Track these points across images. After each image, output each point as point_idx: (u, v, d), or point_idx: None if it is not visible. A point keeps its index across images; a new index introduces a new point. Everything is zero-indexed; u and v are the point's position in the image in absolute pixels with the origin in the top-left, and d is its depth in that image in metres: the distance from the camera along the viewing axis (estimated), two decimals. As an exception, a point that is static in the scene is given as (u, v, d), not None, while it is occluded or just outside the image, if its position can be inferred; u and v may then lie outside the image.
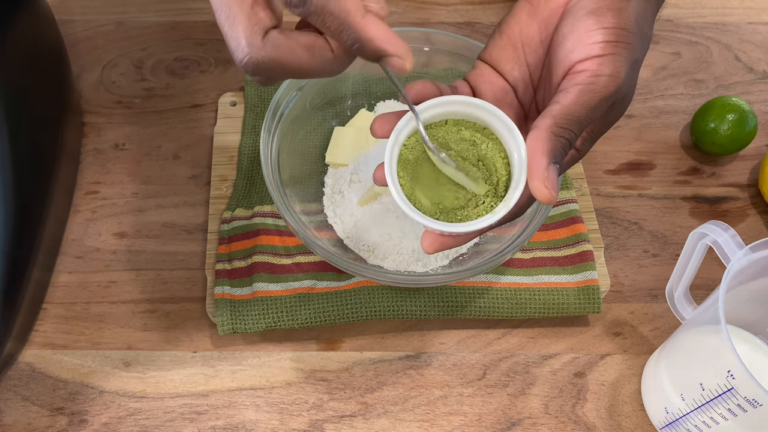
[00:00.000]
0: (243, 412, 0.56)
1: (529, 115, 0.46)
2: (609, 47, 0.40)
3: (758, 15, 0.80)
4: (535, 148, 0.39)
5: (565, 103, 0.40)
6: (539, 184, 0.39)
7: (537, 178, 0.39)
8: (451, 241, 0.43)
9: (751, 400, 0.45)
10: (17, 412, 0.56)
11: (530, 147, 0.40)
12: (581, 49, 0.41)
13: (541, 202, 0.40)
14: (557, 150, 0.40)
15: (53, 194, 0.61)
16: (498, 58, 0.45)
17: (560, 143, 0.40)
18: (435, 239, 0.43)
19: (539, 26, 0.44)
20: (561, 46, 0.42)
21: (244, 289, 0.59)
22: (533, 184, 0.39)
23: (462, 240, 0.43)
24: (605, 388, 0.58)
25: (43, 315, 0.60)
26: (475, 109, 0.43)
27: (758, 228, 0.66)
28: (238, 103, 0.70)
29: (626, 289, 0.63)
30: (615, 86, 0.40)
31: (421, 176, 0.43)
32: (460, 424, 0.56)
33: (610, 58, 0.40)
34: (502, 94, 0.45)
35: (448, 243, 0.43)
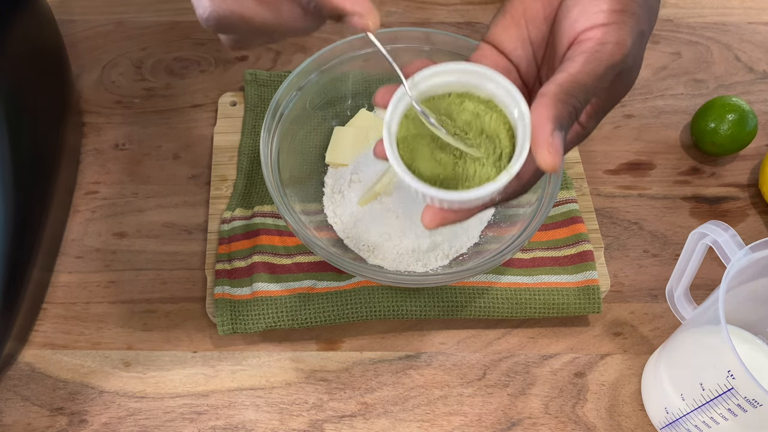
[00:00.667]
0: (243, 412, 0.56)
1: (532, 93, 0.46)
2: (614, 16, 0.40)
3: (758, 15, 0.80)
4: (540, 114, 0.38)
5: (571, 71, 0.39)
6: (543, 151, 0.38)
7: (541, 144, 0.38)
8: (453, 215, 0.42)
9: (751, 400, 0.45)
10: (17, 412, 0.56)
11: (535, 114, 0.39)
12: (586, 18, 0.40)
13: (545, 171, 0.39)
14: (563, 117, 0.39)
15: (53, 194, 0.61)
16: (501, 37, 0.45)
17: (566, 110, 0.39)
18: (436, 213, 0.42)
19: (543, 3, 0.44)
20: (566, 17, 0.41)
21: (244, 289, 0.59)
22: (537, 151, 0.38)
23: (463, 215, 0.42)
24: (605, 388, 0.58)
25: (43, 315, 0.60)
26: (478, 78, 0.42)
27: (758, 228, 0.66)
28: (238, 103, 0.70)
29: (626, 289, 0.63)
30: (621, 54, 0.40)
31: (422, 148, 0.42)
32: (460, 424, 0.56)
33: (616, 27, 0.40)
34: (505, 73, 0.44)
35: (450, 218, 0.42)
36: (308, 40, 0.76)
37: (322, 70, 0.62)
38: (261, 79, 0.70)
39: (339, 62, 0.62)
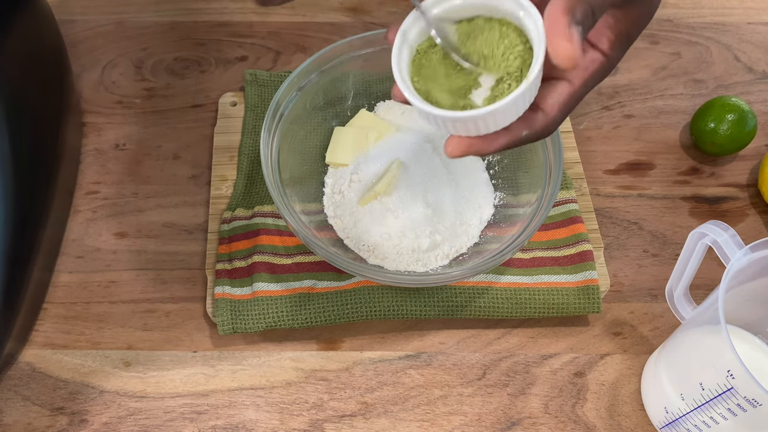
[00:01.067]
0: (243, 412, 0.56)
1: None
2: None
3: (758, 15, 0.80)
4: (554, 10, 0.36)
5: None
6: (559, 40, 0.36)
7: (556, 34, 0.36)
8: (478, 143, 0.40)
9: (751, 400, 0.45)
10: (17, 412, 0.56)
11: (549, 11, 0.37)
12: None
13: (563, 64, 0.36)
14: (577, 11, 0.36)
15: (53, 194, 0.61)
16: None
17: (581, 7, 0.37)
18: (460, 140, 0.40)
19: None
20: None
21: (245, 289, 0.59)
22: (553, 43, 0.36)
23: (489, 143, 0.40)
24: (605, 387, 0.58)
25: (43, 315, 0.60)
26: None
27: (758, 228, 0.66)
28: (239, 103, 0.70)
29: (626, 288, 0.63)
30: None
31: (437, 78, 0.41)
32: (460, 423, 0.56)
33: None
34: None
35: (475, 145, 0.40)
36: (308, 40, 0.77)
37: (323, 70, 0.62)
38: (261, 79, 0.70)
39: (339, 62, 0.62)
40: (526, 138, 0.42)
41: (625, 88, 0.74)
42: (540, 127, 0.41)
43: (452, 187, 0.62)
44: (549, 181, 0.57)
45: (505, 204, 0.63)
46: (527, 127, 0.41)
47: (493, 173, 0.65)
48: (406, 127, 0.66)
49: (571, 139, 0.69)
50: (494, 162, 0.65)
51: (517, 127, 0.41)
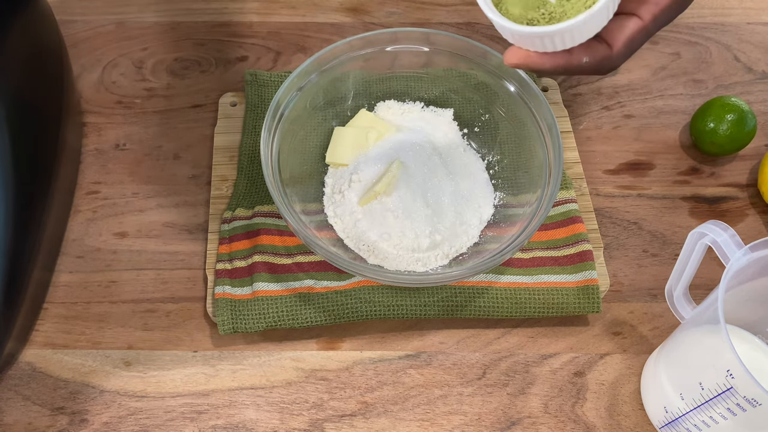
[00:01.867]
0: (243, 412, 0.56)
1: None
2: None
3: (757, 15, 0.80)
4: None
5: None
6: None
7: None
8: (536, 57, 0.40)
9: (751, 400, 0.45)
10: (18, 412, 0.56)
11: None
12: None
13: None
14: None
15: (54, 194, 0.61)
16: None
17: None
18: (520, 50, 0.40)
19: None
20: None
21: (245, 289, 0.59)
22: None
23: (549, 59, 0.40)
24: (605, 387, 0.58)
25: (43, 315, 0.60)
26: None
27: (757, 228, 0.66)
28: (239, 103, 0.70)
29: (626, 288, 0.63)
30: None
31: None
32: (459, 423, 0.56)
33: None
34: None
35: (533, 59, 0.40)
36: (308, 40, 0.77)
37: (323, 70, 0.62)
38: (261, 79, 0.71)
39: (339, 62, 0.62)
40: (586, 66, 0.41)
41: (624, 88, 0.74)
42: (600, 57, 0.41)
43: (452, 187, 0.62)
44: (549, 181, 0.57)
45: (504, 204, 0.63)
46: (588, 55, 0.40)
47: (493, 173, 0.65)
48: (406, 127, 0.66)
49: (570, 139, 0.69)
50: (494, 162, 0.65)
51: (579, 52, 0.41)
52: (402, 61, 0.65)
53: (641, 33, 0.41)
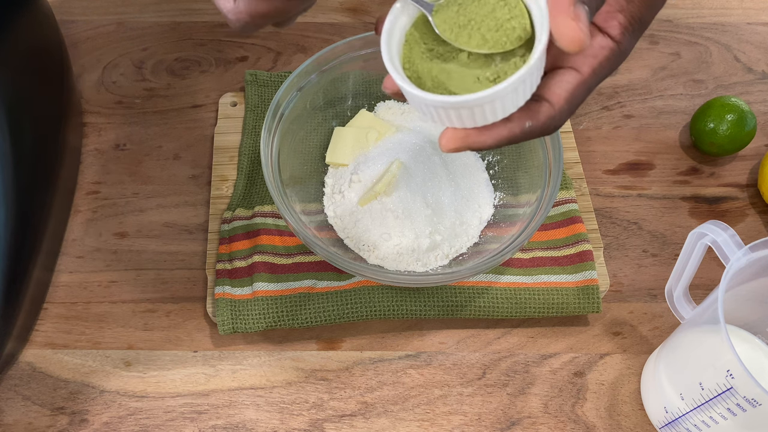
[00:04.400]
0: (243, 412, 0.56)
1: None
2: None
3: (757, 15, 0.80)
4: None
5: None
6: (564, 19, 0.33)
7: (561, 13, 0.33)
8: (474, 135, 0.37)
9: (751, 400, 0.45)
10: (18, 412, 0.56)
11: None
12: None
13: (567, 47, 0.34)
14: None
15: (54, 194, 0.61)
16: None
17: None
18: (454, 132, 0.37)
19: None
20: None
21: (245, 289, 0.59)
22: (557, 24, 0.34)
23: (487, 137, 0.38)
24: (605, 387, 0.58)
25: (43, 315, 0.60)
26: None
27: (757, 228, 0.66)
28: (239, 103, 0.70)
29: (626, 288, 0.63)
30: None
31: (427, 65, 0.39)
32: (459, 423, 0.56)
33: None
34: None
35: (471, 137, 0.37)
36: (308, 40, 0.77)
37: (323, 70, 0.62)
38: (261, 79, 0.71)
39: (339, 63, 0.62)
40: (529, 131, 0.38)
41: (624, 89, 0.74)
42: (545, 118, 0.38)
43: (452, 187, 0.62)
44: (549, 181, 0.57)
45: (504, 204, 0.63)
46: (530, 118, 0.38)
47: (493, 173, 0.65)
48: (406, 127, 0.66)
49: (570, 139, 0.69)
50: (494, 162, 0.65)
51: (519, 118, 0.38)
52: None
53: (581, 87, 0.39)
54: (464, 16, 0.38)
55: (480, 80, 0.38)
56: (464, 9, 0.39)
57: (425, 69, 0.39)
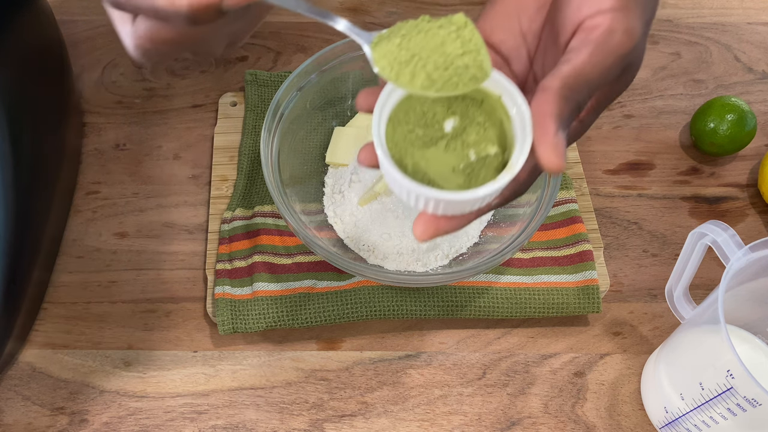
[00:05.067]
0: (243, 412, 0.56)
1: (525, 88, 0.43)
2: (621, 0, 0.37)
3: (757, 15, 0.80)
4: (543, 111, 0.35)
5: (577, 63, 0.36)
6: (547, 151, 0.35)
7: (545, 143, 0.35)
8: (447, 224, 0.38)
9: (751, 400, 0.45)
10: (18, 412, 0.56)
11: (537, 110, 0.35)
12: (591, 3, 0.37)
13: (548, 172, 0.36)
14: (566, 114, 0.36)
15: (54, 194, 0.61)
16: (491, 28, 0.42)
17: (569, 107, 0.36)
18: (429, 223, 0.38)
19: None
20: (567, 4, 0.38)
21: (245, 289, 0.59)
22: (541, 151, 0.35)
23: (458, 223, 0.38)
24: (605, 387, 0.58)
25: (43, 315, 0.60)
26: None
27: (757, 228, 0.66)
28: (239, 103, 0.70)
29: (626, 288, 0.63)
30: (631, 44, 0.37)
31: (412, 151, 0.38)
32: (459, 423, 0.56)
33: (623, 13, 0.37)
34: (496, 67, 0.41)
35: (443, 227, 0.38)
36: (308, 40, 0.77)
37: (323, 70, 0.62)
38: (261, 79, 0.70)
39: (339, 62, 0.62)
40: (495, 206, 0.40)
41: (624, 88, 0.74)
42: (510, 193, 0.40)
43: (452, 187, 0.62)
44: (549, 181, 0.57)
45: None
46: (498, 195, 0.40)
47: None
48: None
49: (570, 139, 0.69)
50: (494, 162, 0.65)
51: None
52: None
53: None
54: (407, 51, 0.35)
55: (455, 171, 0.38)
56: (408, 42, 0.36)
57: (407, 152, 0.38)
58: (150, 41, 0.37)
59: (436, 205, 0.37)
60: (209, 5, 0.32)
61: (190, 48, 0.38)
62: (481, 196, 0.36)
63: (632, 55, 0.38)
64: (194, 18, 0.33)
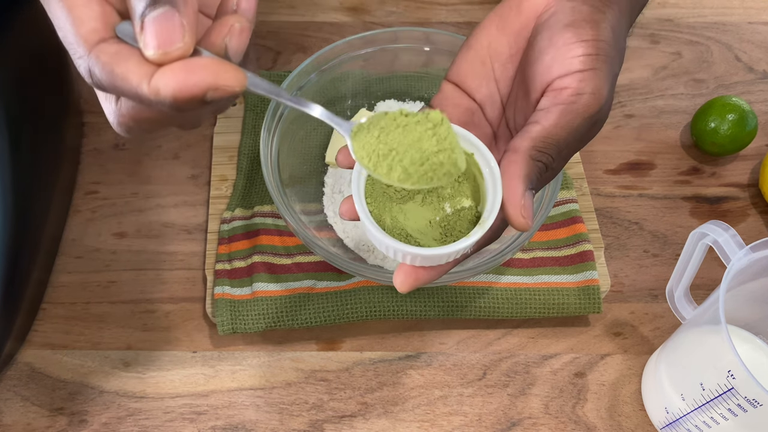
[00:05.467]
0: (243, 413, 0.56)
1: (498, 133, 0.44)
2: (589, 61, 0.39)
3: (758, 15, 0.80)
4: (512, 172, 0.38)
5: (546, 125, 0.38)
6: (515, 213, 0.37)
7: (513, 206, 0.37)
8: (425, 275, 0.40)
9: (752, 400, 0.45)
10: (17, 413, 0.56)
11: (506, 171, 0.38)
12: (560, 64, 0.39)
13: (516, 229, 0.38)
14: (533, 175, 0.38)
15: (53, 194, 0.61)
16: (465, 74, 0.43)
17: (537, 168, 0.38)
18: (408, 274, 0.40)
19: (509, 40, 0.42)
20: (538, 61, 0.40)
21: (244, 289, 0.59)
22: (509, 212, 0.38)
23: (436, 273, 0.40)
24: (605, 388, 0.58)
25: (42, 315, 0.60)
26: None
27: (758, 228, 0.66)
28: (238, 103, 0.70)
29: (626, 289, 0.63)
30: (598, 105, 0.39)
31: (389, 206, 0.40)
32: (460, 424, 0.56)
33: (591, 74, 0.39)
34: (468, 115, 0.43)
35: (423, 277, 0.40)
36: (308, 39, 0.76)
37: (322, 69, 0.62)
38: (261, 79, 0.70)
39: (339, 62, 0.62)
40: (470, 254, 0.42)
41: (625, 88, 0.74)
42: (483, 241, 0.41)
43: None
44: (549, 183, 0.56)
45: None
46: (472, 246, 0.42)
47: (493, 173, 0.65)
48: (406, 127, 0.66)
49: (571, 139, 0.69)
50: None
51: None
52: (402, 61, 0.65)
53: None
54: (385, 145, 0.37)
55: (432, 224, 0.40)
56: (386, 135, 0.37)
57: (386, 207, 0.40)
58: (134, 120, 0.38)
59: (413, 258, 0.39)
60: (193, 97, 0.33)
61: (174, 125, 0.40)
62: (456, 250, 0.38)
63: (599, 114, 0.40)
64: (178, 107, 0.34)
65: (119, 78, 0.34)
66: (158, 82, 0.33)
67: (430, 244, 0.39)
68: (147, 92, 0.33)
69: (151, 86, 0.33)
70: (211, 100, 0.33)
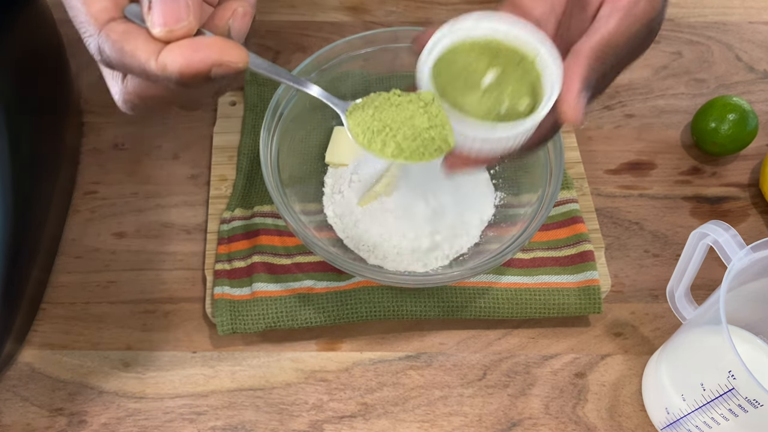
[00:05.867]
0: (243, 413, 0.56)
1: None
2: None
3: (759, 14, 0.80)
4: (572, 72, 0.40)
5: (605, 31, 0.40)
6: (569, 109, 0.40)
7: (569, 99, 0.40)
8: (472, 162, 0.43)
9: (752, 401, 0.45)
10: (16, 413, 0.56)
11: (567, 71, 0.40)
12: None
13: (567, 123, 0.41)
14: (591, 78, 0.40)
15: (52, 194, 0.61)
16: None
17: (595, 73, 0.40)
18: (457, 158, 0.42)
19: None
20: None
21: (244, 290, 0.58)
22: (563, 107, 0.40)
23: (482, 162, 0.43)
24: (606, 388, 0.58)
25: (42, 315, 0.60)
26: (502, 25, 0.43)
27: (759, 228, 0.66)
28: (238, 102, 0.70)
29: (627, 289, 0.62)
30: (654, 11, 0.41)
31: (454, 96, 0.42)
32: (460, 424, 0.56)
33: None
34: None
35: (470, 163, 0.43)
36: (308, 39, 0.76)
37: (322, 69, 0.62)
38: (261, 78, 0.70)
39: (339, 62, 0.62)
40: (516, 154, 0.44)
41: (625, 88, 0.74)
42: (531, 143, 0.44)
43: (452, 186, 0.62)
44: (550, 181, 0.56)
45: (505, 204, 0.63)
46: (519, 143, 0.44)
47: (493, 173, 0.65)
48: (406, 127, 0.65)
49: (572, 139, 0.69)
50: (494, 162, 0.65)
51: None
52: (402, 61, 0.65)
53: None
54: (379, 121, 0.40)
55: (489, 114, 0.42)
56: (380, 113, 0.40)
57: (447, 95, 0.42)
58: (139, 98, 0.40)
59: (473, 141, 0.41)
60: (199, 72, 0.35)
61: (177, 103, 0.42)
62: (512, 134, 0.40)
63: (655, 21, 0.42)
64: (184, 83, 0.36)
65: (128, 55, 0.36)
66: (165, 58, 0.35)
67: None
68: (155, 68, 0.35)
69: (158, 62, 0.35)
70: (215, 76, 0.35)
